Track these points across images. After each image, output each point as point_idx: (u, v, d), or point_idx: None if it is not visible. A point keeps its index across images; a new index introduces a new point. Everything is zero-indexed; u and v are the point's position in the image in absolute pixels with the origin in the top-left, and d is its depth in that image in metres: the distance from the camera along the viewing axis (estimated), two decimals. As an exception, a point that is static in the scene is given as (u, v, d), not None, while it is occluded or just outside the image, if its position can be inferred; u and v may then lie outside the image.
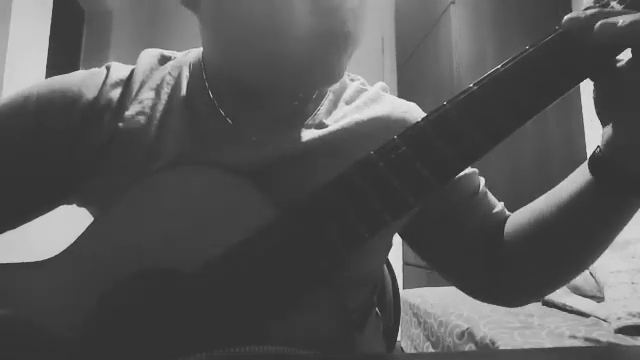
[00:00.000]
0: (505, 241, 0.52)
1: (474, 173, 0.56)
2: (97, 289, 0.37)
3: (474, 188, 0.55)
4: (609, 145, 0.38)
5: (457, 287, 0.58)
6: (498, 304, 0.57)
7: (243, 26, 0.42)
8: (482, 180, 0.57)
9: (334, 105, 0.53)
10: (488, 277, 0.53)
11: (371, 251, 0.51)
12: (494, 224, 0.54)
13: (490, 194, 0.57)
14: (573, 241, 0.45)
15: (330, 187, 0.36)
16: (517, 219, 0.52)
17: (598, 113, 0.38)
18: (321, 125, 0.50)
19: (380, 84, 0.58)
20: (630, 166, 0.37)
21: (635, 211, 0.41)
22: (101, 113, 0.48)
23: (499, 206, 0.56)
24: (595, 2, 0.37)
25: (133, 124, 0.47)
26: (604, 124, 0.38)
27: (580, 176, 0.42)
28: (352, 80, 0.58)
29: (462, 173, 0.54)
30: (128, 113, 0.48)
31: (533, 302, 0.54)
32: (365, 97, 0.54)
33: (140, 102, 0.49)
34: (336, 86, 0.54)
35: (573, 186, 0.43)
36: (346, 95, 0.54)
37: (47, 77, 0.51)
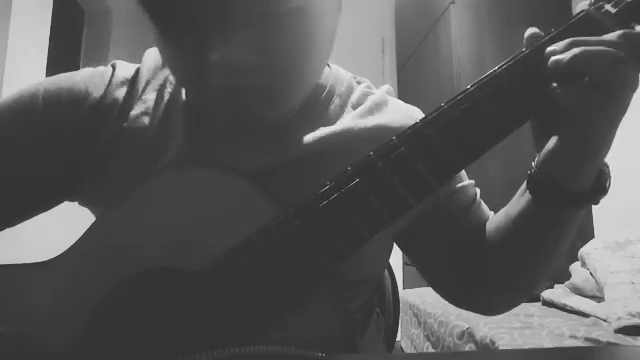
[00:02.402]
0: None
1: (471, 184, 0.57)
2: (99, 289, 0.37)
3: (470, 199, 0.55)
4: (547, 165, 0.40)
5: (439, 293, 0.59)
6: (479, 312, 0.59)
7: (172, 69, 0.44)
8: (478, 191, 0.57)
9: (341, 109, 0.53)
10: (470, 285, 0.54)
11: (372, 252, 0.51)
12: (484, 235, 0.54)
13: (484, 204, 0.58)
14: (524, 252, 0.48)
15: (331, 187, 0.36)
16: (487, 228, 0.54)
17: (535, 138, 0.41)
18: (326, 128, 0.50)
19: (385, 87, 0.58)
20: (564, 182, 0.40)
21: (575, 221, 0.43)
22: (107, 112, 0.48)
23: (491, 217, 0.56)
24: (590, 5, 0.37)
25: (137, 124, 0.48)
26: (540, 148, 0.41)
27: (521, 194, 0.46)
28: (358, 83, 0.57)
29: (460, 184, 0.55)
30: (133, 112, 0.48)
31: (506, 311, 0.56)
32: (371, 102, 0.54)
33: (144, 102, 0.49)
34: (342, 90, 0.54)
35: (516, 205, 0.46)
36: (353, 99, 0.54)
37: (47, 77, 0.51)
